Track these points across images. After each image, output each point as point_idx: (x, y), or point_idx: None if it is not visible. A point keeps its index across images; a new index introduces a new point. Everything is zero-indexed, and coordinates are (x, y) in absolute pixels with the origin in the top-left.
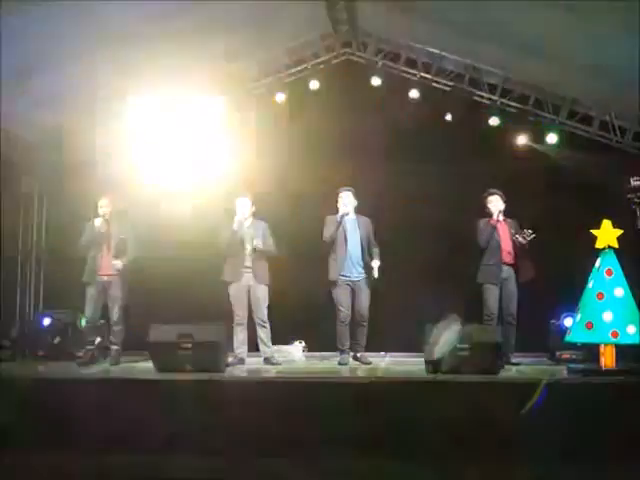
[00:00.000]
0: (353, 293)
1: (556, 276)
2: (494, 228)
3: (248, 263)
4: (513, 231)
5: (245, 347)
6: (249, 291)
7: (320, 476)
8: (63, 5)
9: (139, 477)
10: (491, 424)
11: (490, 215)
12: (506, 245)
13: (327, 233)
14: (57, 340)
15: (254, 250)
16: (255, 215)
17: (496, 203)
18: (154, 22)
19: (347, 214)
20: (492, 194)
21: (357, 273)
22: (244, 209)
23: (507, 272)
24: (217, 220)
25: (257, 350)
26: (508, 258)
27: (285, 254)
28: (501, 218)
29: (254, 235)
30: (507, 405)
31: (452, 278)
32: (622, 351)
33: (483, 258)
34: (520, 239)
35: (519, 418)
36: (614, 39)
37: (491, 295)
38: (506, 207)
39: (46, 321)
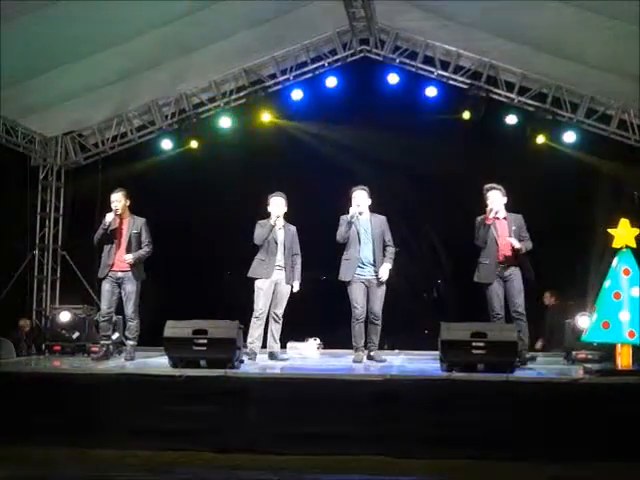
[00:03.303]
0: (367, 291)
1: (572, 274)
2: (489, 227)
3: (280, 262)
4: (506, 232)
5: (259, 343)
6: (275, 288)
7: (334, 471)
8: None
9: (153, 471)
10: (506, 423)
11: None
12: (504, 243)
13: (340, 234)
14: (76, 335)
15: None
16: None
17: (494, 199)
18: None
19: (361, 214)
20: (491, 189)
21: (370, 273)
22: (279, 208)
23: (508, 270)
24: (235, 217)
25: (263, 346)
26: (508, 256)
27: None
28: (501, 215)
29: (284, 237)
30: (522, 404)
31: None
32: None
33: (480, 256)
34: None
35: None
36: (633, 37)
37: (492, 294)
38: (522, 205)
39: (65, 316)
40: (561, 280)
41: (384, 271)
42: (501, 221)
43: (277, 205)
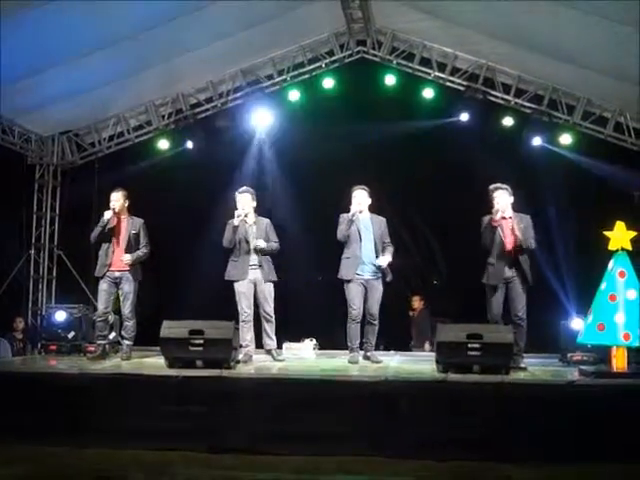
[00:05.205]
0: (365, 291)
1: (568, 277)
2: (495, 228)
3: (254, 261)
4: (512, 229)
5: (253, 345)
6: (255, 288)
7: (329, 472)
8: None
9: (148, 471)
10: (501, 424)
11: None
12: (510, 244)
13: (341, 232)
14: (72, 335)
15: (256, 250)
16: (257, 211)
17: (500, 199)
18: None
19: (361, 212)
20: (497, 189)
21: (371, 272)
22: (245, 205)
23: (512, 272)
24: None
25: (260, 347)
26: (512, 256)
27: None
28: (507, 215)
29: (257, 233)
30: (517, 405)
31: (466, 277)
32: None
33: (488, 257)
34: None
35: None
36: (630, 40)
37: (493, 296)
38: (518, 207)
39: (61, 315)
40: (556, 281)
41: (384, 260)
42: (507, 221)
43: (241, 203)
